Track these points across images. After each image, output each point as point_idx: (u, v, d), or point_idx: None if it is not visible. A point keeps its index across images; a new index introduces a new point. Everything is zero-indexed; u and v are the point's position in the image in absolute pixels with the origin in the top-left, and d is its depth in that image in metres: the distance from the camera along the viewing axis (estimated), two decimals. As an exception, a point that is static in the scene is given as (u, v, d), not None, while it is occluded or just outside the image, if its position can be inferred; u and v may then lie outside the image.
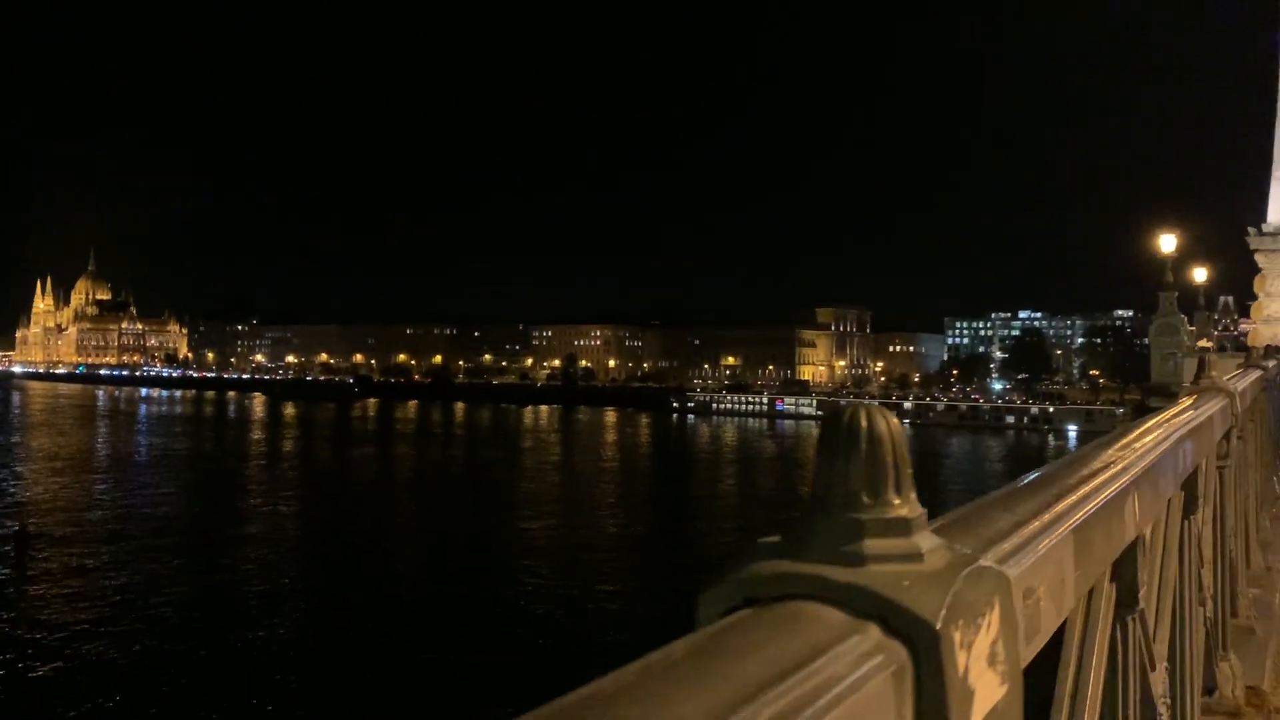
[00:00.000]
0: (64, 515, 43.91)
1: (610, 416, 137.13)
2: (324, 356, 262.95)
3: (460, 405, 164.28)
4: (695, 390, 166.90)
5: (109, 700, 20.54)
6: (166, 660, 23.23)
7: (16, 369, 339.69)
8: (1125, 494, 1.64)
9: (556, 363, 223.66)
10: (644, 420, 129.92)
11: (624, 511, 50.02)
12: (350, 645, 24.77)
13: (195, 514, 45.87)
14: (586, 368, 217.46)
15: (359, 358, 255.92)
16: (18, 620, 26.48)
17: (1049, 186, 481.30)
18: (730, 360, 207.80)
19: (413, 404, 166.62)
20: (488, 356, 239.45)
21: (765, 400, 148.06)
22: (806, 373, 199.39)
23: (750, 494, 59.05)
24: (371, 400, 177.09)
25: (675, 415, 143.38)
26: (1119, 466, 1.72)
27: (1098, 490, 1.45)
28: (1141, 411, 3.55)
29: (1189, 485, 3.37)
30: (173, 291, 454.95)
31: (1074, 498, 1.27)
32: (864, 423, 0.91)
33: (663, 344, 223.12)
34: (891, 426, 0.94)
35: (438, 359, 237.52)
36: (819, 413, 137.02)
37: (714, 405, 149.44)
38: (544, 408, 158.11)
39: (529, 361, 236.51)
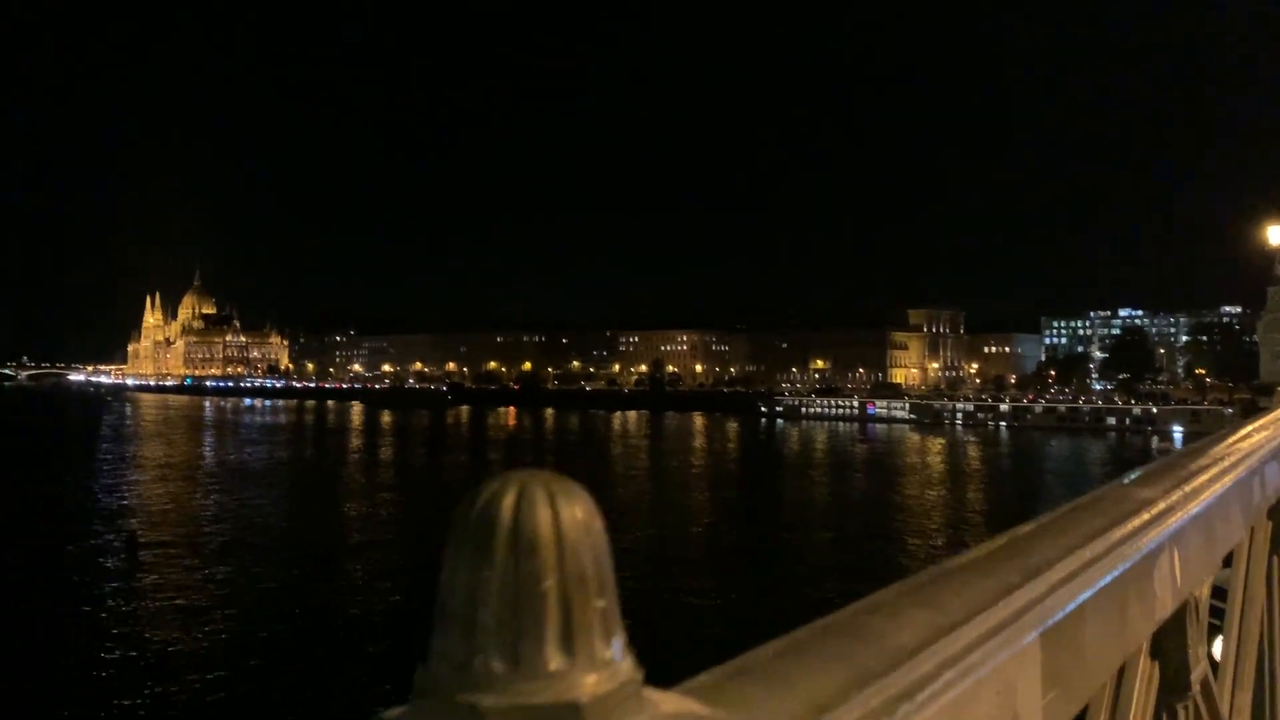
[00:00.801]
0: (173, 521, 45.83)
1: (698, 421, 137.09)
2: (418, 365, 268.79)
3: (550, 411, 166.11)
4: (784, 394, 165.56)
5: (217, 697, 21.40)
6: (268, 659, 24.08)
7: (129, 382, 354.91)
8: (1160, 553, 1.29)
9: (644, 368, 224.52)
10: (732, 425, 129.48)
11: (713, 517, 49.97)
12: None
13: (297, 519, 47.38)
14: (674, 373, 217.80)
15: (451, 366, 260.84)
16: (129, 621, 27.70)
17: (1149, 180, 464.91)
18: (819, 363, 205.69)
19: (504, 410, 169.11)
20: (576, 363, 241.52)
21: (856, 404, 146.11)
22: (899, 375, 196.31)
23: (841, 499, 58.38)
24: (464, 408, 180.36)
25: (764, 420, 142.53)
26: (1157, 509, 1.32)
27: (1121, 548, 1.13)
28: (1250, 410, 3.23)
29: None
30: (274, 305, 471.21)
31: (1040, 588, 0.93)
32: (509, 517, 0.54)
33: (750, 348, 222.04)
34: (567, 521, 0.55)
35: (527, 366, 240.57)
36: (912, 416, 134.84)
37: (803, 409, 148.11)
38: (632, 413, 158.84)
39: (617, 367, 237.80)
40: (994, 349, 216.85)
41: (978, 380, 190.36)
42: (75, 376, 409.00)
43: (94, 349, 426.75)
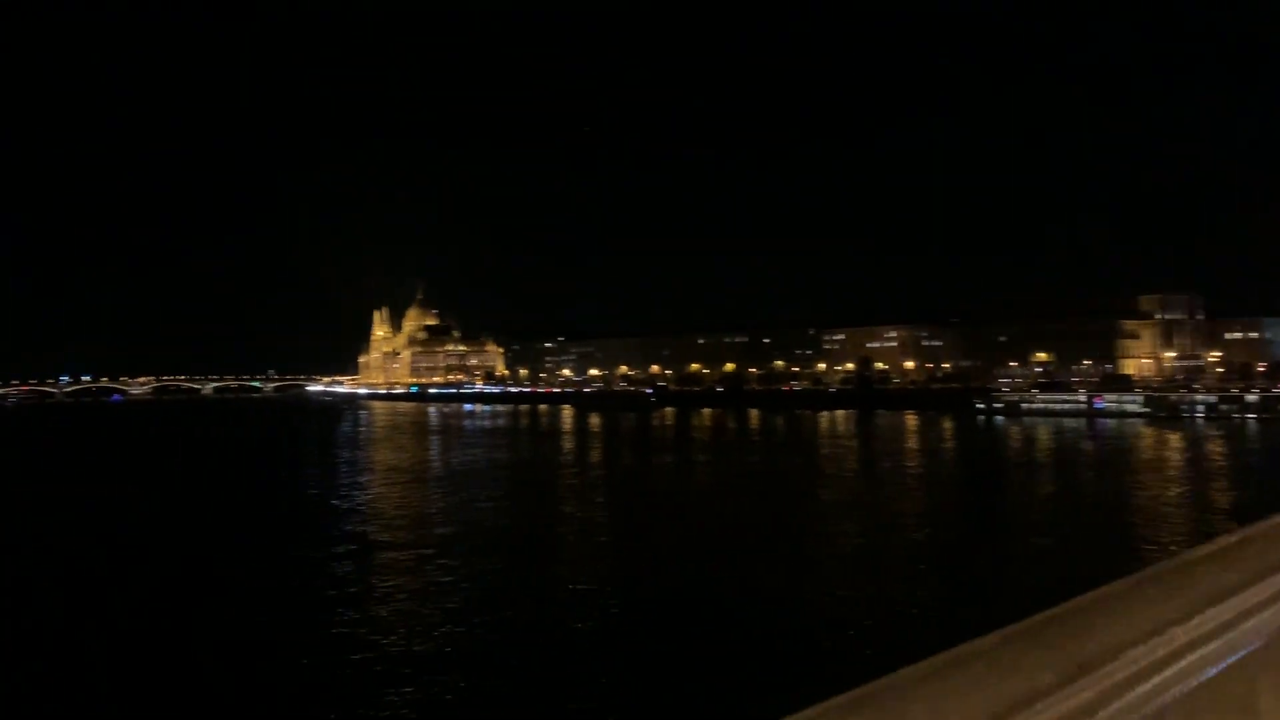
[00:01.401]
0: (401, 522, 48.30)
1: (910, 420, 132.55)
2: (624, 369, 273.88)
3: (754, 412, 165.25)
4: (1002, 389, 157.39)
5: (445, 691, 22.12)
6: (490, 654, 24.75)
7: (361, 391, 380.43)
8: None
9: (850, 366, 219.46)
10: (946, 423, 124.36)
11: (930, 519, 47.89)
12: (660, 641, 25.26)
13: (517, 520, 48.96)
14: (882, 370, 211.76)
15: (656, 368, 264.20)
16: (361, 620, 29.16)
17: None
18: (1041, 356, 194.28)
19: (708, 412, 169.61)
20: (780, 363, 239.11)
21: (1083, 398, 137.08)
22: (1129, 367, 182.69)
23: (1069, 501, 54.64)
24: (669, 409, 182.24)
25: (981, 417, 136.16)
26: None
27: None
28: None
29: None
30: (489, 315, 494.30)
31: None
32: None
33: (964, 342, 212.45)
34: None
35: (730, 367, 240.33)
36: (1146, 410, 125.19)
37: (1024, 405, 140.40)
38: (840, 412, 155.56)
39: (822, 366, 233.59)
40: (1238, 335, 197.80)
41: (1219, 370, 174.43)
42: (313, 387, 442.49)
43: (330, 361, 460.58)
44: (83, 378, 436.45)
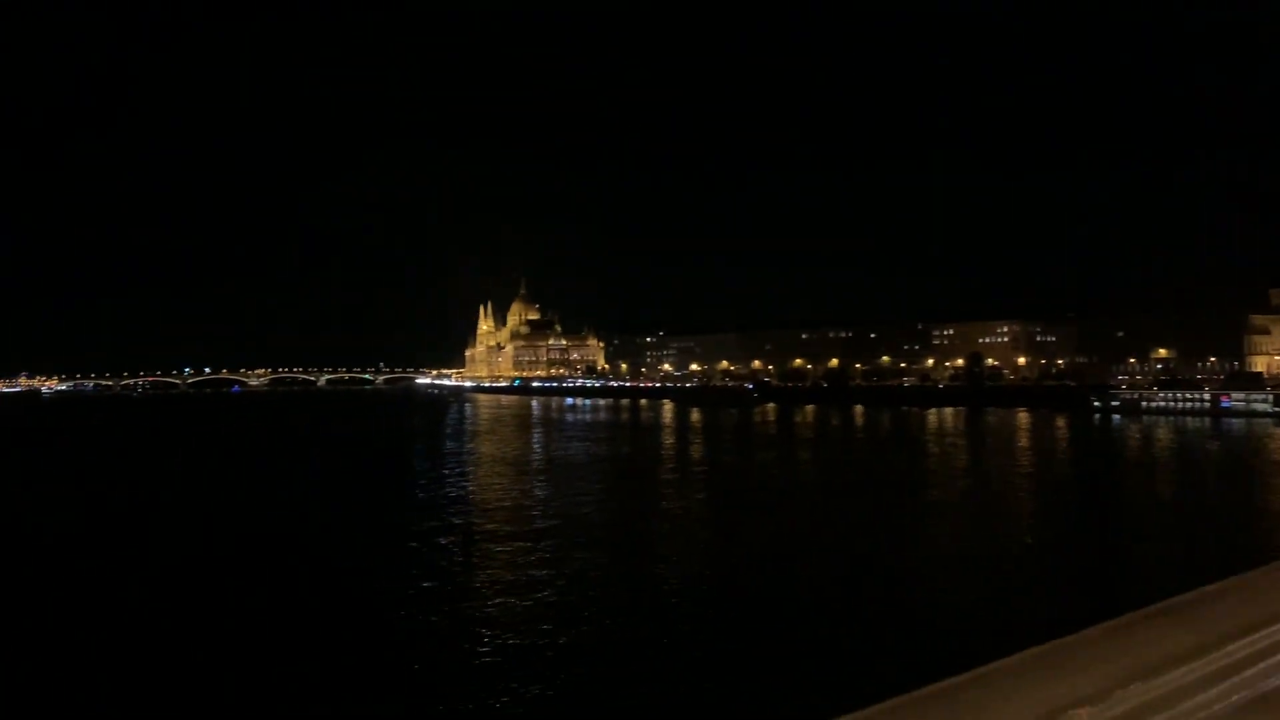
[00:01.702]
0: (503, 513, 48.80)
1: (1022, 418, 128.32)
2: (724, 364, 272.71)
3: (859, 408, 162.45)
4: (1120, 387, 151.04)
5: (544, 684, 22.10)
6: (587, 647, 24.64)
7: (466, 384, 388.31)
8: None
9: (960, 362, 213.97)
10: (1060, 421, 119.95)
11: (1041, 522, 46.11)
12: (753, 640, 24.81)
13: (618, 514, 49.00)
14: (993, 366, 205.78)
15: (757, 364, 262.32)
16: (463, 611, 29.43)
17: None
18: (1162, 352, 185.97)
19: (811, 408, 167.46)
20: (885, 358, 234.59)
21: (1207, 396, 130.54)
22: (1259, 364, 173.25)
23: (1191, 505, 51.90)
24: (770, 405, 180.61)
25: (1097, 415, 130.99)
26: None
27: None
28: None
29: None
30: (590, 309, 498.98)
31: None
32: None
33: (1080, 337, 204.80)
34: None
35: (834, 362, 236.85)
36: (1277, 409, 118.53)
37: (1143, 403, 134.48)
38: (948, 410, 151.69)
39: (930, 362, 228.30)
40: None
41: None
42: (421, 380, 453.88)
43: (437, 354, 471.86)
44: (204, 370, 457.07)
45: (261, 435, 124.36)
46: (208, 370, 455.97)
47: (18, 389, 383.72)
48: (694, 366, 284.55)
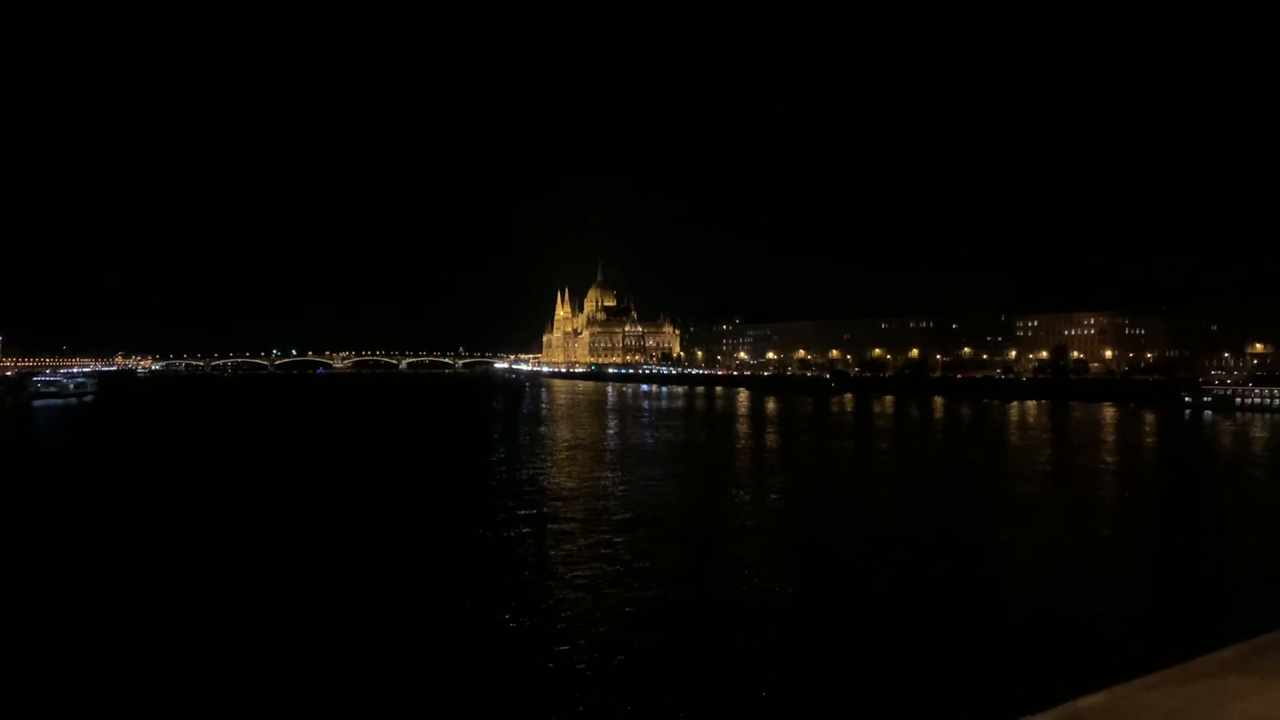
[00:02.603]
0: (578, 500, 49.51)
1: (1108, 413, 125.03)
2: (801, 352, 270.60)
3: (938, 400, 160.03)
4: (1213, 383, 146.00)
5: (608, 683, 22.58)
6: (653, 644, 25.05)
7: (543, 369, 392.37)
8: None
9: (1044, 354, 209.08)
10: (1149, 417, 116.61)
11: (1125, 519, 45.12)
12: (822, 640, 24.95)
13: (691, 502, 49.35)
14: (1079, 359, 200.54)
15: (835, 353, 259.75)
16: (528, 603, 30.08)
17: None
18: (1258, 347, 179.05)
19: (889, 399, 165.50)
20: (967, 349, 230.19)
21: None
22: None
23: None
24: (848, 395, 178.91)
25: (1188, 411, 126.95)
26: None
27: None
28: None
29: None
30: (667, 296, 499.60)
31: None
32: None
33: (1171, 330, 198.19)
34: None
35: (914, 353, 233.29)
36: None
37: (1237, 400, 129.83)
38: (1031, 403, 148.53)
39: (1013, 353, 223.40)
40: None
41: None
42: (499, 364, 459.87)
43: (514, 340, 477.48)
44: (291, 352, 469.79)
45: (348, 416, 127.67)
46: (294, 352, 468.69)
47: (114, 368, 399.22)
48: (770, 355, 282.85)
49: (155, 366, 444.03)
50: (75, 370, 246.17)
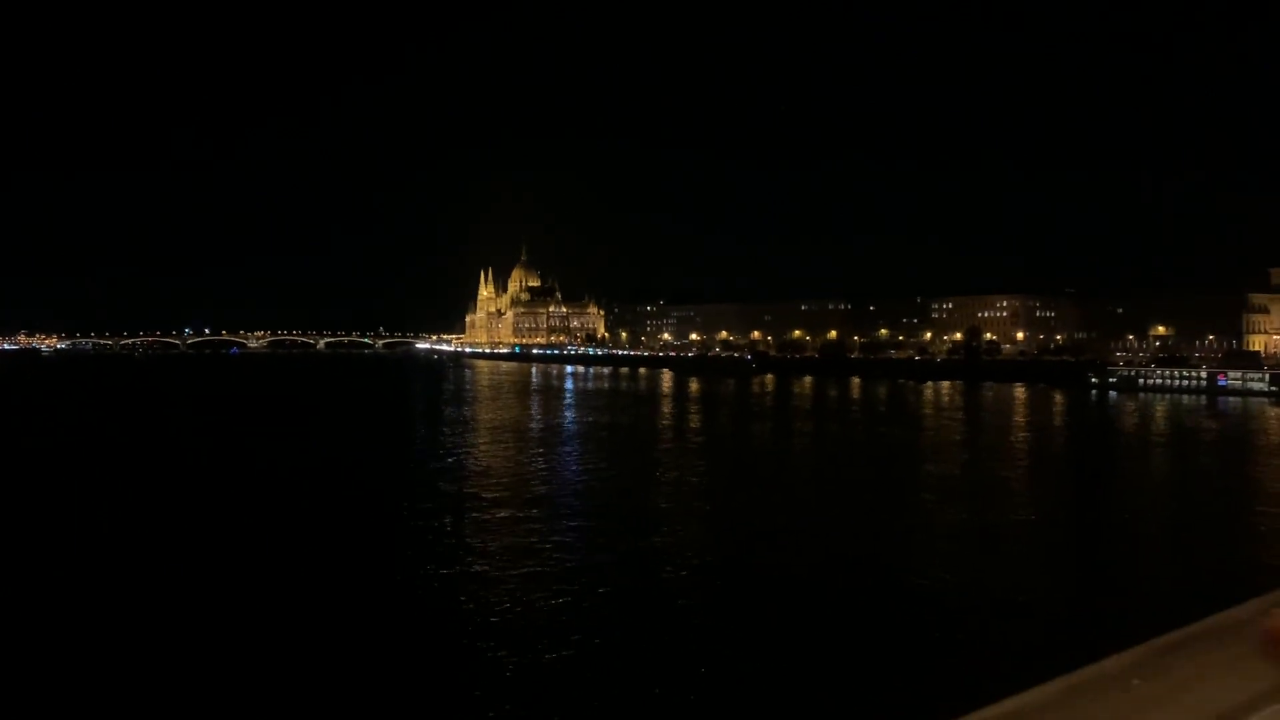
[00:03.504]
0: (499, 481, 49.15)
1: (1019, 393, 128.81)
2: (724, 334, 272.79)
3: (856, 380, 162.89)
4: (1119, 364, 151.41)
5: (547, 650, 22.47)
6: (575, 625, 25.01)
7: (466, 349, 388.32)
8: None
9: (958, 336, 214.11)
10: (1058, 397, 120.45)
11: (1035, 498, 46.50)
12: (749, 622, 25.18)
13: (614, 484, 49.33)
14: (991, 341, 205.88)
15: (756, 334, 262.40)
16: (459, 576, 29.80)
17: None
18: (1160, 330, 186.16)
19: (808, 379, 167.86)
20: (884, 331, 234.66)
21: (1204, 375, 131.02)
22: (1257, 343, 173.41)
23: (1188, 483, 52.36)
24: (769, 376, 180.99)
25: (1094, 392, 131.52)
26: None
27: None
28: None
29: None
30: (591, 277, 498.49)
31: None
32: None
33: (1079, 314, 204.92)
34: None
35: (833, 334, 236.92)
36: (1273, 389, 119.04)
37: (1140, 380, 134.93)
38: (945, 383, 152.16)
39: (928, 335, 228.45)
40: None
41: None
42: (421, 345, 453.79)
43: (437, 320, 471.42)
44: (204, 331, 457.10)
45: (263, 398, 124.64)
46: (207, 331, 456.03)
47: (16, 347, 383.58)
48: (694, 336, 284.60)
49: (61, 345, 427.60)
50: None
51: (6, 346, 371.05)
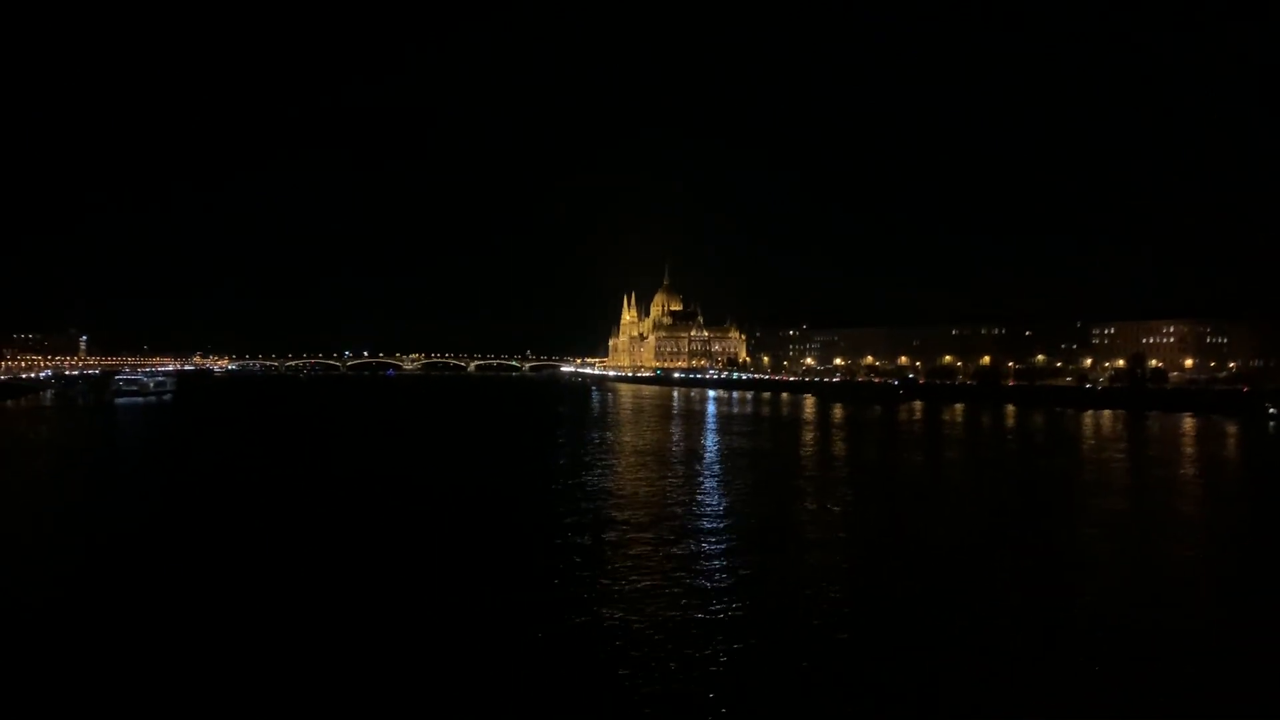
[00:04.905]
0: (640, 506, 49.48)
1: (1187, 423, 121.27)
2: (869, 359, 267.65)
3: (1010, 408, 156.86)
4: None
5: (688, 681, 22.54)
6: (714, 654, 24.94)
7: (609, 373, 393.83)
8: None
9: (1120, 363, 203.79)
10: (1231, 428, 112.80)
11: (1204, 540, 43.68)
12: (886, 654, 24.60)
13: (755, 510, 49.02)
14: (1157, 368, 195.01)
15: (903, 360, 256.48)
16: (596, 598, 30.13)
17: None
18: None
19: (959, 407, 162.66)
20: (1040, 357, 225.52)
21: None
22: None
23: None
24: (917, 402, 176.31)
25: (1273, 424, 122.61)
26: None
27: None
28: None
29: None
30: (733, 301, 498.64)
31: None
32: None
33: (1256, 339, 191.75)
34: None
35: (985, 360, 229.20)
36: None
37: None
38: (1106, 412, 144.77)
39: (1088, 362, 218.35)
40: None
41: None
42: (566, 368, 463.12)
43: (581, 343, 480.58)
44: (363, 353, 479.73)
45: (416, 416, 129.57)
46: (365, 354, 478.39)
47: (192, 368, 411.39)
48: (838, 361, 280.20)
49: (231, 366, 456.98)
50: (155, 369, 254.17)
51: (186, 367, 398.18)
